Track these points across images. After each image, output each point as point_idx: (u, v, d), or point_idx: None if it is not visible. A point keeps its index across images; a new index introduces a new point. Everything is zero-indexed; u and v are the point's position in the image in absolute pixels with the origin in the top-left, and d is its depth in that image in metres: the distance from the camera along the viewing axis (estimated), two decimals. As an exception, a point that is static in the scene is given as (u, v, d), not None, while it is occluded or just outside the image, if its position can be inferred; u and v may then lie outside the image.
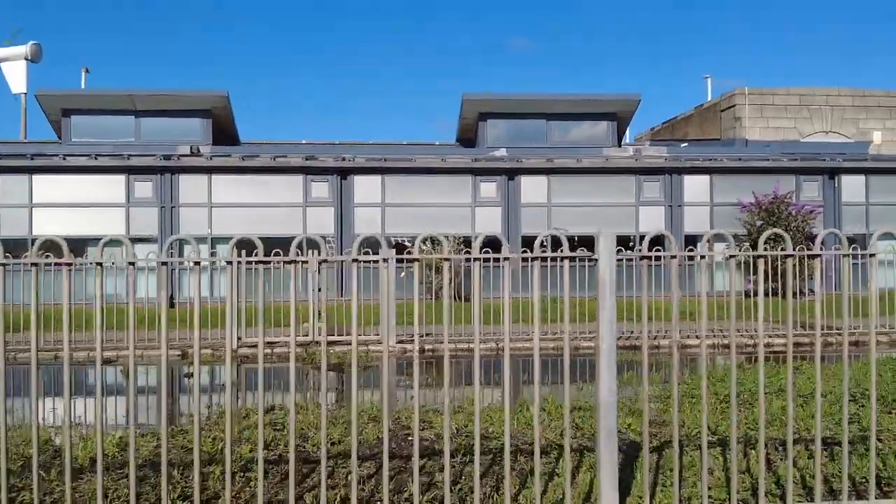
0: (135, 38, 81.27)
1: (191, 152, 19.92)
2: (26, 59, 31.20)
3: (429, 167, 20.02)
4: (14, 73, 31.37)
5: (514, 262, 10.94)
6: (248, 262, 7.85)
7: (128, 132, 21.48)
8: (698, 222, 20.46)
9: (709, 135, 28.65)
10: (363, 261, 3.91)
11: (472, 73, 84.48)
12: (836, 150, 22.68)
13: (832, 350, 11.66)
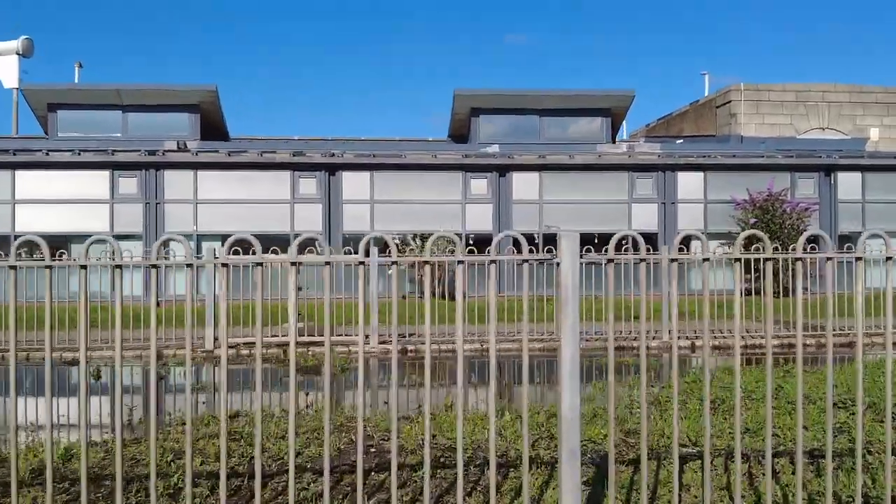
0: (128, 34, 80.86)
1: (177, 147, 19.60)
2: (18, 53, 30.85)
3: (419, 163, 19.70)
4: (6, 69, 31.04)
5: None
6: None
7: (115, 127, 21.16)
8: (692, 220, 20.16)
9: (704, 131, 28.36)
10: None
11: (467, 68, 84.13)
12: (833, 146, 22.38)
13: (821, 351, 11.40)
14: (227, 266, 3.52)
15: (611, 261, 3.47)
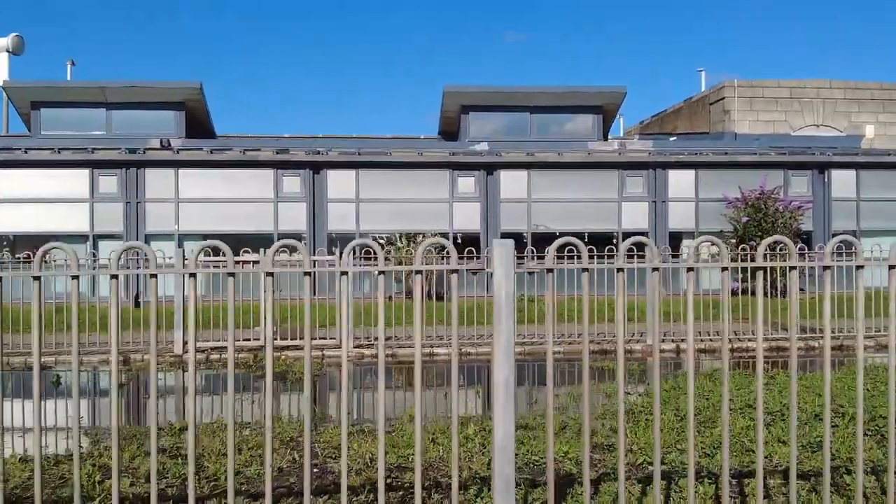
0: (121, 31, 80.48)
1: (161, 146, 19.28)
2: (8, 51, 30.53)
3: (405, 161, 19.37)
4: (-5, 66, 30.68)
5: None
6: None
7: (98, 125, 20.85)
8: (683, 218, 19.85)
9: (698, 128, 28.01)
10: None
11: (462, 66, 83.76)
12: (827, 143, 22.04)
13: (810, 354, 11.10)
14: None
15: (550, 270, 3.17)
